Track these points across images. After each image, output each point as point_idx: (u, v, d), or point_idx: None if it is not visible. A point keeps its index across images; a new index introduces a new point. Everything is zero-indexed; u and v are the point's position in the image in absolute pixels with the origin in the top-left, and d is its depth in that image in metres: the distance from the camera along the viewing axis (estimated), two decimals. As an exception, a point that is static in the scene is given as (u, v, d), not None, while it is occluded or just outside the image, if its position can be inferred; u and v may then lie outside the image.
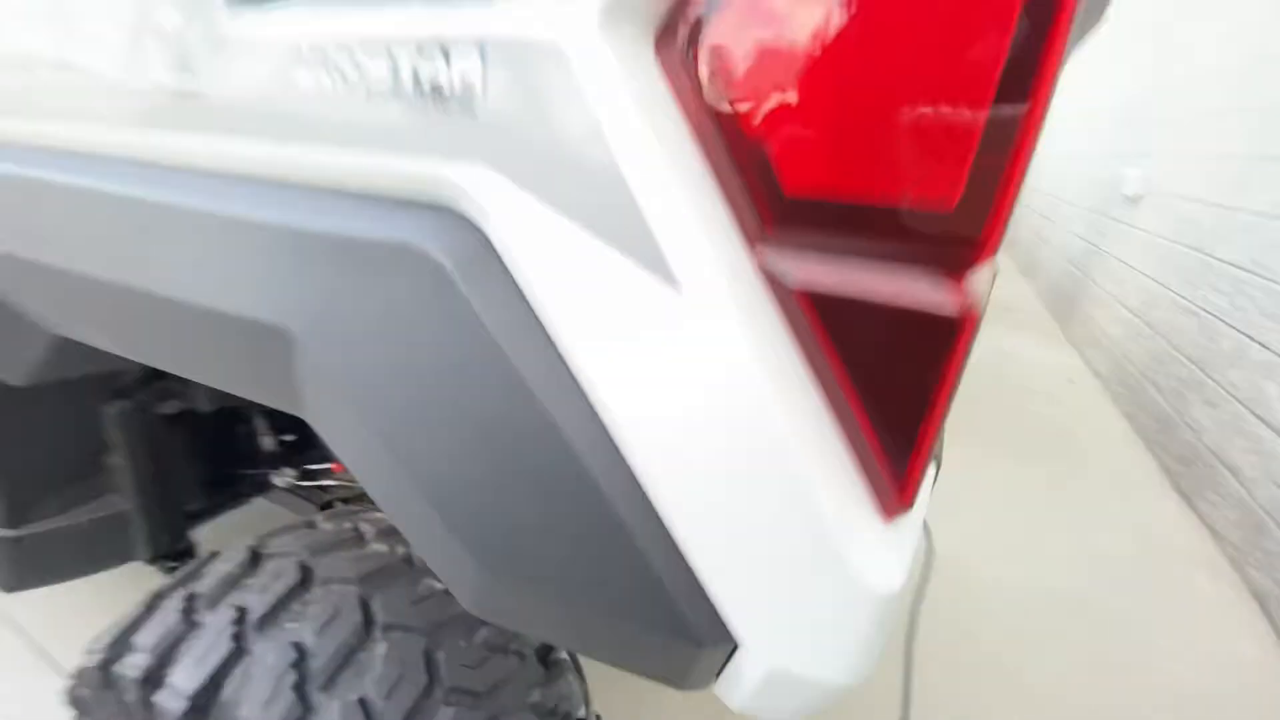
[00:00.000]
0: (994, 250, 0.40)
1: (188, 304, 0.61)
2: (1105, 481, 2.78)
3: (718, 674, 0.52)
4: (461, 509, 0.51)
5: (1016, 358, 4.33)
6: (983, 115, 0.37)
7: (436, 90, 0.47)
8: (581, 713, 0.80)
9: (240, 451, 1.29)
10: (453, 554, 0.52)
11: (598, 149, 0.43)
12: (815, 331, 0.43)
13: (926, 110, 0.37)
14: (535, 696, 0.74)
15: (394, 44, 0.49)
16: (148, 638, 0.67)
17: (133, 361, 0.74)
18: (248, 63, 0.57)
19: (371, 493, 0.56)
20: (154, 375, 1.05)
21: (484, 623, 0.75)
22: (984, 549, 2.19)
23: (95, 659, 0.69)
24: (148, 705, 0.64)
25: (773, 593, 0.47)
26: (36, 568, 1.12)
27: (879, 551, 0.47)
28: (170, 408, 1.09)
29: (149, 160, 0.68)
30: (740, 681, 0.51)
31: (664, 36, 0.43)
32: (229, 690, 0.63)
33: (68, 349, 0.77)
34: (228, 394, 0.80)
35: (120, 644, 0.68)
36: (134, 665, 0.65)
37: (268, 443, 1.28)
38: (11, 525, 1.06)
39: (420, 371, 0.50)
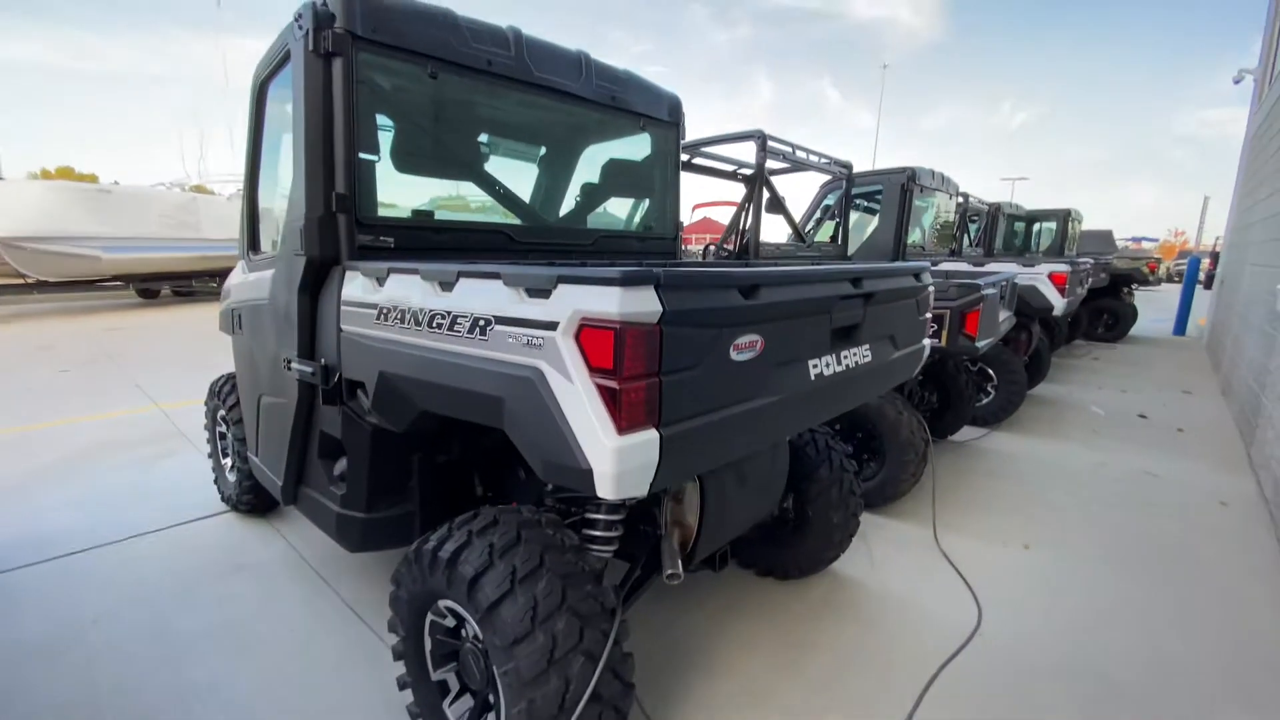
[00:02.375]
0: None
1: (470, 390, 1.59)
2: (1209, 595, 2.74)
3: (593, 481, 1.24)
4: (539, 449, 1.36)
5: (1168, 479, 4.16)
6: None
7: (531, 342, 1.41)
8: (613, 602, 1.57)
9: (464, 492, 2.31)
10: (538, 463, 1.37)
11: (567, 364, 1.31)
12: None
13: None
14: (589, 587, 1.54)
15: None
16: (439, 543, 1.61)
17: (436, 428, 1.75)
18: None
19: (516, 442, 1.44)
20: (437, 439, 2.11)
21: (564, 556, 1.58)
22: (1045, 636, 2.42)
23: (414, 551, 1.64)
24: (436, 562, 1.56)
25: (592, 449, 1.22)
26: (371, 539, 2.19)
27: (615, 440, 1.19)
28: (440, 459, 2.15)
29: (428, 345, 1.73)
30: (596, 480, 1.23)
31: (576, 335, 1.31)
32: (469, 559, 1.52)
33: (422, 416, 1.82)
34: (465, 454, 1.79)
35: (426, 544, 1.62)
36: (433, 549, 1.59)
37: (479, 490, 2.29)
38: (366, 511, 2.14)
39: (537, 408, 1.40)
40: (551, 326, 1.22)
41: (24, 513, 3.34)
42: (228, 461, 3.35)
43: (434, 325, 1.56)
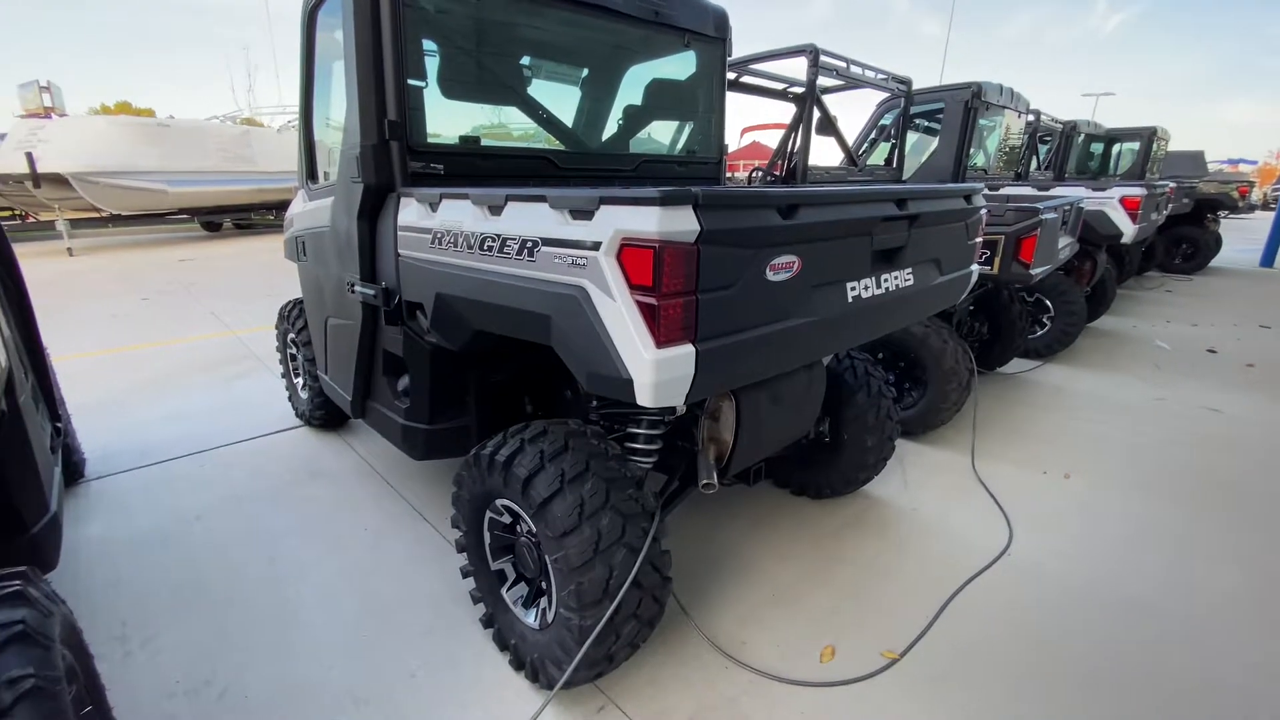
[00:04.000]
0: None
1: (520, 309, 1.69)
2: (1256, 530, 2.72)
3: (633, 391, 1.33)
4: (584, 363, 1.46)
5: (1231, 415, 4.03)
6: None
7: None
8: (652, 505, 1.71)
9: (516, 410, 2.46)
10: (583, 375, 1.47)
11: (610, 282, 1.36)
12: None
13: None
14: (630, 491, 1.68)
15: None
16: (495, 449, 1.76)
17: (490, 347, 1.87)
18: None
19: (562, 356, 1.55)
20: (491, 359, 2.25)
21: (607, 463, 1.72)
22: (1075, 559, 2.48)
23: (473, 456, 1.80)
24: (494, 465, 1.72)
25: (632, 361, 1.30)
26: (433, 449, 2.38)
27: (654, 353, 1.26)
28: (495, 379, 2.29)
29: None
30: (635, 389, 1.32)
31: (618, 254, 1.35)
32: (523, 462, 1.67)
33: (476, 336, 1.94)
34: (517, 374, 1.91)
35: (484, 449, 1.78)
36: (490, 454, 1.75)
37: (529, 408, 2.44)
38: (430, 423, 2.33)
39: (582, 325, 1.49)
40: (595, 247, 1.29)
41: (125, 424, 3.73)
42: (299, 381, 3.63)
43: (485, 248, 1.64)
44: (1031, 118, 7.04)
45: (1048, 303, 5.07)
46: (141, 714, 1.77)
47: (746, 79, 4.02)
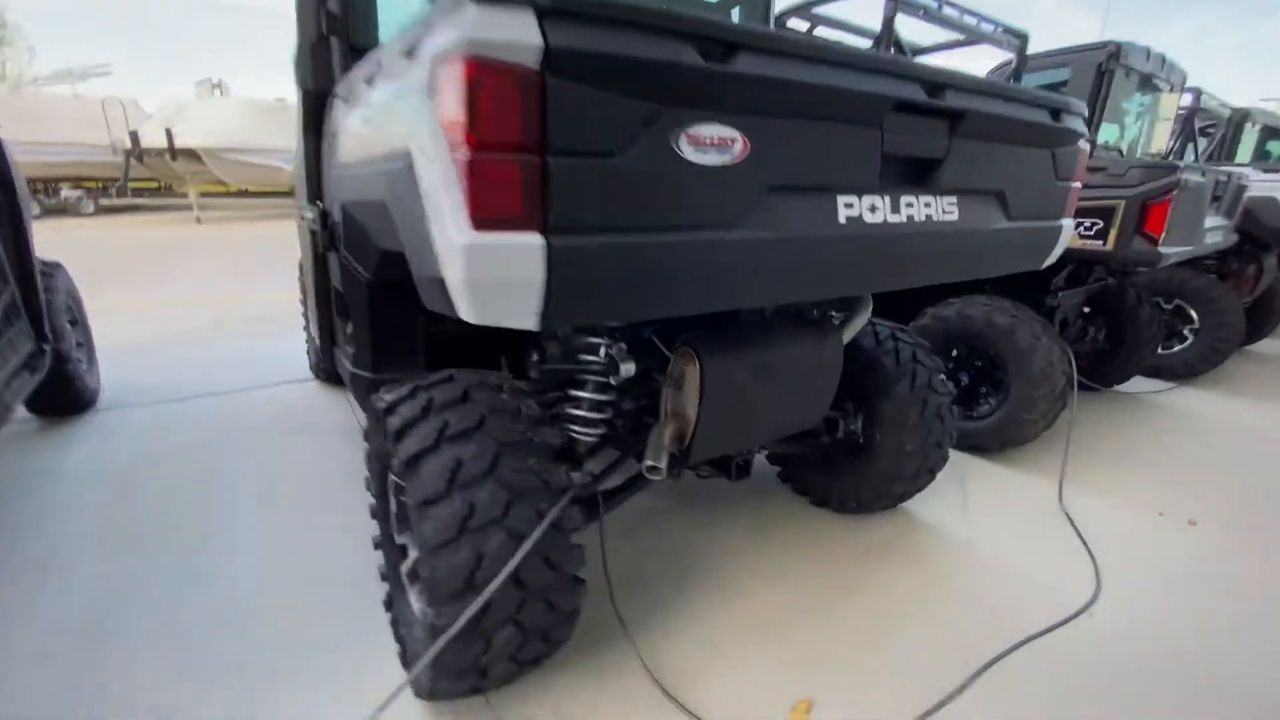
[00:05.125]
0: None
1: (372, 201, 1.36)
2: None
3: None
4: (414, 263, 1.10)
5: None
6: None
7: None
8: (563, 482, 1.31)
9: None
10: (419, 284, 1.10)
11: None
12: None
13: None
14: (532, 460, 1.29)
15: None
16: (386, 393, 1.42)
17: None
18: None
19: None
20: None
21: (512, 423, 1.33)
22: (1187, 633, 1.80)
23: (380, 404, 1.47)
24: (381, 414, 1.38)
25: (443, 248, 0.89)
26: (381, 403, 2.10)
27: (468, 235, 0.85)
28: (450, 330, 1.97)
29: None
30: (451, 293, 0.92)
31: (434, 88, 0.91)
32: (403, 411, 1.33)
33: (385, 259, 1.62)
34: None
35: (379, 397, 1.45)
36: (379, 401, 1.41)
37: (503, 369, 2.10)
38: (374, 371, 2.04)
39: (407, 205, 1.13)
40: (421, 89, 0.91)
41: (154, 364, 3.81)
42: (308, 334, 3.55)
43: (360, 136, 1.32)
44: (1190, 95, 5.85)
45: (1191, 311, 4.09)
46: (19, 650, 1.61)
47: (820, 28, 3.49)
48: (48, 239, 5.03)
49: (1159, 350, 4.03)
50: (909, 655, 1.68)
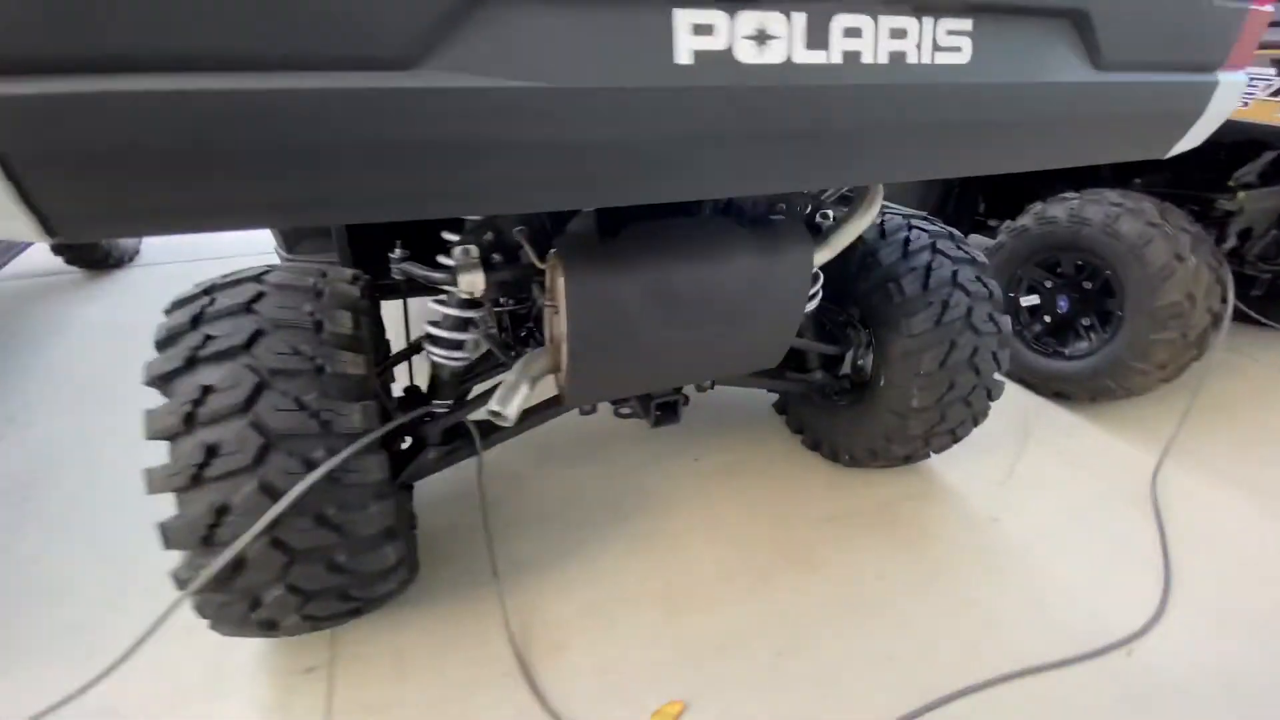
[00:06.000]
0: None
1: None
2: None
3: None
4: None
5: None
6: None
7: None
8: (351, 426, 1.03)
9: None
10: None
11: None
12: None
13: None
14: (313, 395, 1.01)
15: None
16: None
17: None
18: None
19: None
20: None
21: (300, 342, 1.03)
22: (1242, 677, 1.28)
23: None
24: None
25: None
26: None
27: None
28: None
29: None
30: None
31: None
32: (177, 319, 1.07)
33: None
34: None
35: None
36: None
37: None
38: (288, 250, 1.82)
39: None
40: None
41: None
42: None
43: None
44: None
45: None
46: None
47: None
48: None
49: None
50: (847, 667, 1.32)
